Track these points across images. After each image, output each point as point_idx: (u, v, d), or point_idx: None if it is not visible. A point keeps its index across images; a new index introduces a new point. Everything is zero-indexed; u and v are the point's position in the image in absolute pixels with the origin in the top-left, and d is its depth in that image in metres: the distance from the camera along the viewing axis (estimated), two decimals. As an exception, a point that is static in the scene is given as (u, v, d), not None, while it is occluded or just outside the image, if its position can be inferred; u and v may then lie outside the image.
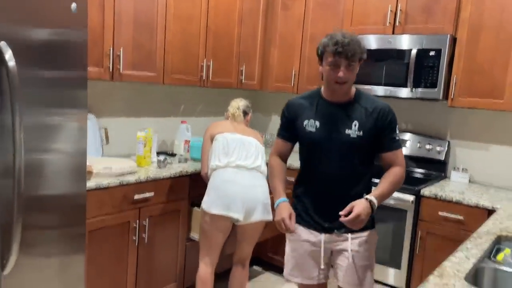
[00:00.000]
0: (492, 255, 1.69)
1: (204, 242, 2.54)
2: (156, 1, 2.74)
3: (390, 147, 1.88)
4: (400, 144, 1.91)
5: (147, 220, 2.54)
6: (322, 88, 1.95)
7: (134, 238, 2.49)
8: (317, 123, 1.90)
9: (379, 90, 3.01)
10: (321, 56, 1.83)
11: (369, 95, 1.94)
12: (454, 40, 2.79)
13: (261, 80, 3.72)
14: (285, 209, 1.88)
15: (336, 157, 1.88)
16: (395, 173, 1.87)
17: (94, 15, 2.41)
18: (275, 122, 4.11)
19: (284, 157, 2.08)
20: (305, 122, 1.92)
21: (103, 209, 2.31)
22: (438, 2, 2.79)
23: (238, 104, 2.76)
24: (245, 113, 2.75)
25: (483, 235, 1.81)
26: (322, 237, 1.94)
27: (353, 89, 1.91)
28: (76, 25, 1.87)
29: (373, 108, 1.86)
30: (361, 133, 1.84)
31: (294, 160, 2.17)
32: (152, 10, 2.73)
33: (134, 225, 2.48)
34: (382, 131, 1.86)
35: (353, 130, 1.84)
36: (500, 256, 1.67)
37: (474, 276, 1.49)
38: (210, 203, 2.43)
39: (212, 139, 2.62)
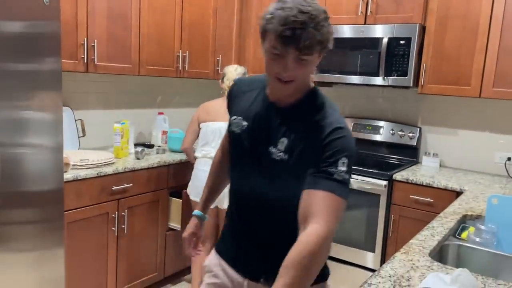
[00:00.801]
0: (457, 233, 1.79)
1: None
2: (130, -8, 2.73)
3: (315, 183, 1.11)
4: (340, 188, 1.10)
5: (126, 211, 2.56)
6: None
7: (113, 229, 2.51)
8: (245, 124, 1.28)
9: (355, 79, 3.08)
10: (263, 33, 1.15)
11: (325, 103, 1.22)
12: (423, 29, 2.88)
13: (237, 71, 3.75)
14: (190, 226, 1.49)
15: (258, 180, 1.26)
16: (305, 243, 1.05)
17: (67, 7, 2.39)
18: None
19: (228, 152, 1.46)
20: (234, 117, 1.32)
21: (81, 200, 2.32)
22: (407, -8, 2.86)
23: (234, 75, 2.63)
24: None
25: (449, 215, 1.90)
26: (245, 284, 1.32)
27: (310, 87, 1.25)
28: (48, 17, 1.87)
29: (315, 122, 1.17)
30: (287, 156, 1.19)
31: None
32: (126, 2, 2.72)
33: (113, 216, 2.49)
34: (317, 156, 1.13)
35: (277, 150, 1.20)
36: (464, 234, 1.77)
37: (439, 252, 1.57)
38: (190, 189, 2.71)
39: (199, 124, 2.71)
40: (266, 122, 1.24)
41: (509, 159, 2.93)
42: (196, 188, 2.61)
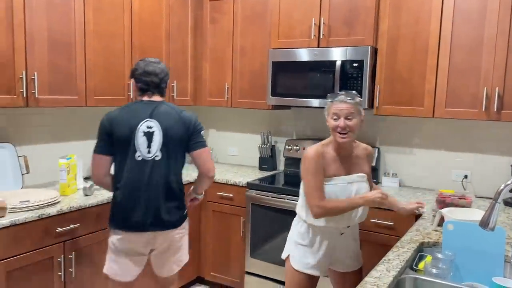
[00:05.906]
0: (414, 263, 1.74)
1: None
2: (73, 18, 2.60)
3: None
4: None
5: (73, 253, 2.39)
6: None
7: (60, 274, 2.33)
8: None
9: (311, 102, 3.04)
10: None
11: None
12: (375, 51, 2.88)
13: (194, 96, 3.66)
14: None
15: None
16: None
17: (2, 37, 2.24)
18: (212, 136, 4.06)
19: None
20: None
21: (21, 247, 2.14)
22: (357, 15, 2.87)
23: None
24: None
25: (405, 244, 1.85)
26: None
27: None
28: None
29: None
30: None
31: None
32: (69, 28, 2.59)
33: (59, 260, 2.32)
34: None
35: None
36: (421, 265, 1.72)
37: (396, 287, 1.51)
38: None
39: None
40: None
41: (465, 176, 2.95)
42: None
